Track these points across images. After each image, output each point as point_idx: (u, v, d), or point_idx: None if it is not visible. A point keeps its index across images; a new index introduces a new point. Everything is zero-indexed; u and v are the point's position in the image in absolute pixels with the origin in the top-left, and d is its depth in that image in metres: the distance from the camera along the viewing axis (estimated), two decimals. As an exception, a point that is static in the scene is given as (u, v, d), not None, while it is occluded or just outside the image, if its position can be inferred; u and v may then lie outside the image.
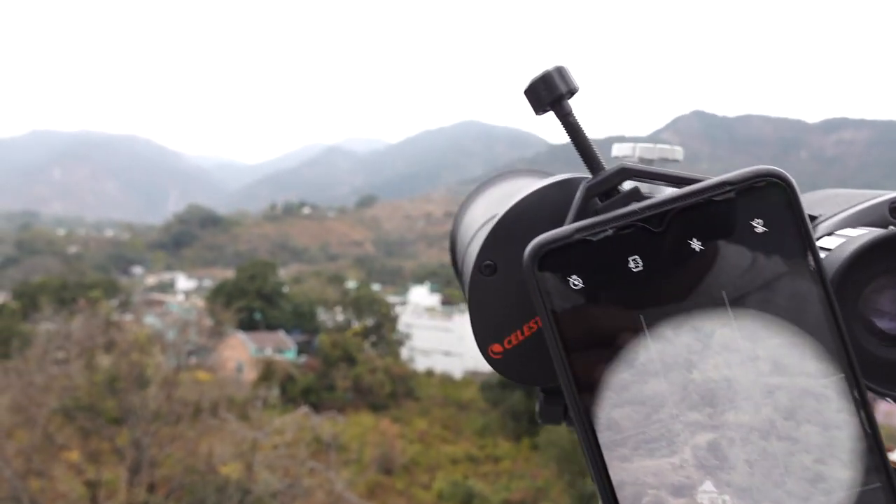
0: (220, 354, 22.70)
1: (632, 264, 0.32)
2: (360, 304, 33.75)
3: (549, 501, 19.20)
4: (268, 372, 27.97)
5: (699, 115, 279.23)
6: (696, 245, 0.32)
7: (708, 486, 0.28)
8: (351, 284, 46.79)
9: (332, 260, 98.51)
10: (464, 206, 0.72)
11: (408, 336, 34.93)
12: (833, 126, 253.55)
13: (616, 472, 0.30)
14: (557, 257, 0.32)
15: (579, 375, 0.31)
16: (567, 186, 0.42)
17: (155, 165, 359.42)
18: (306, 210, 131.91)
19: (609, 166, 0.37)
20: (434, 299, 52.67)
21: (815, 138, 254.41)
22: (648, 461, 0.29)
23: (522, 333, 0.42)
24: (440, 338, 37.29)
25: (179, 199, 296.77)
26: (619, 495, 0.30)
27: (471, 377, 34.27)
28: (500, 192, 0.66)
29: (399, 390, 29.65)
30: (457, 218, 0.73)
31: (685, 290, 0.32)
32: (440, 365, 35.49)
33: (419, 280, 65.93)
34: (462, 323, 37.53)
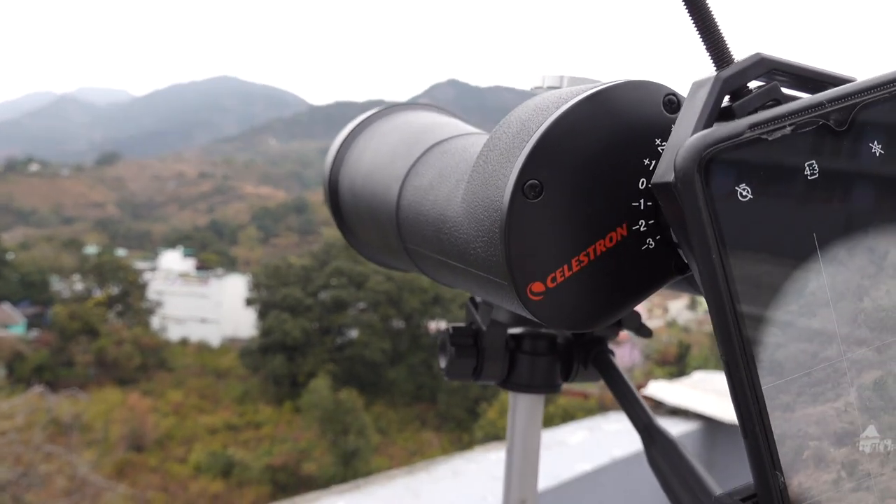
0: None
1: (807, 171, 0.26)
2: (103, 271, 31.03)
3: (312, 461, 19.47)
4: (-10, 350, 25.12)
5: (454, 84, 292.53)
6: (876, 149, 0.27)
7: (871, 431, 0.25)
8: (91, 250, 42.86)
9: (68, 223, 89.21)
10: (347, 144, 0.61)
11: (159, 304, 32.90)
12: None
13: (777, 425, 0.25)
14: (723, 162, 0.25)
15: (742, 311, 0.25)
16: (636, 91, 0.34)
17: None
18: (34, 167, 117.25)
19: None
20: (188, 264, 50.14)
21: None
22: (812, 408, 0.25)
23: (570, 269, 0.34)
24: (196, 304, 35.69)
25: None
26: (780, 451, 0.25)
27: (230, 344, 33.35)
28: (422, 123, 0.56)
29: (150, 362, 28.08)
30: (339, 157, 0.61)
31: (861, 204, 0.27)
32: (196, 333, 34.04)
33: (171, 244, 62.26)
34: (219, 288, 36.22)
